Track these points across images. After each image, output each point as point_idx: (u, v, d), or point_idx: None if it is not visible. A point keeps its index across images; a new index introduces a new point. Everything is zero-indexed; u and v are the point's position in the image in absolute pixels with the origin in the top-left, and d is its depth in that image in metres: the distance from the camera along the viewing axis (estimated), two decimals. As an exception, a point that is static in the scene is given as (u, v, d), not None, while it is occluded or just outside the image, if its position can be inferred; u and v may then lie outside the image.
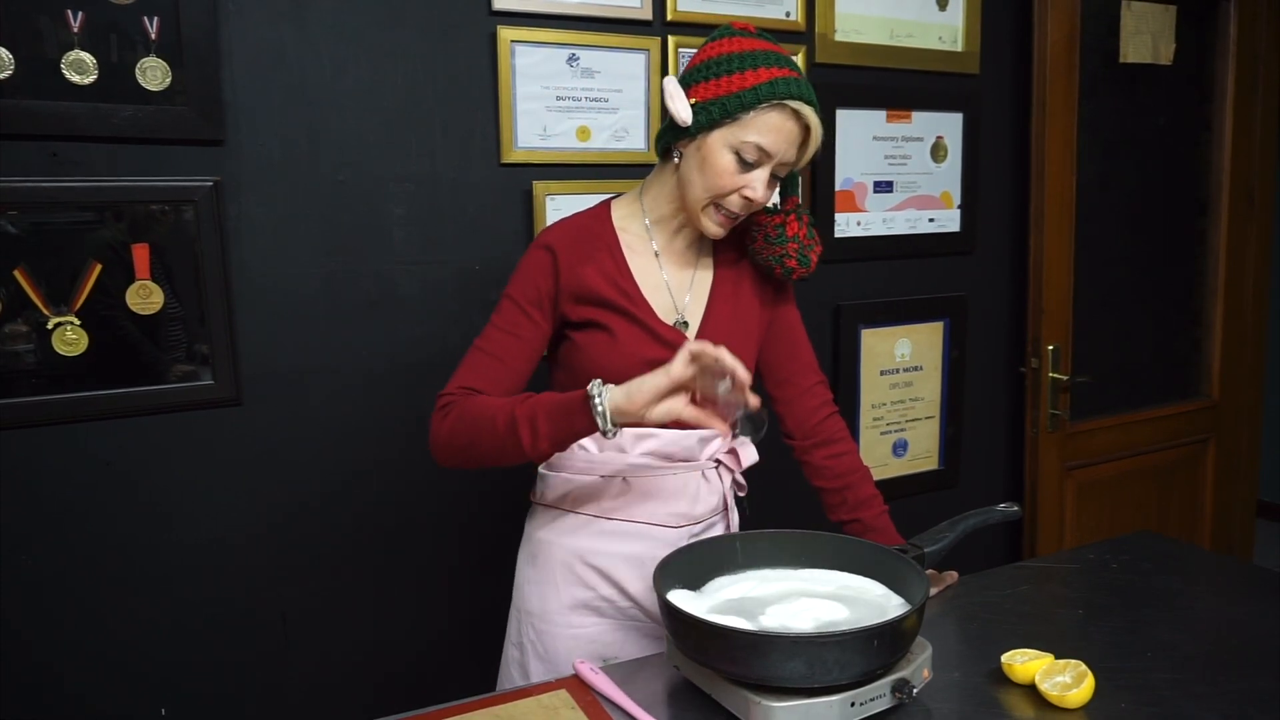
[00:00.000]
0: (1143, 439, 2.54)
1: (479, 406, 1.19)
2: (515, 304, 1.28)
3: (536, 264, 1.29)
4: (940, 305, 2.34)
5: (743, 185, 1.22)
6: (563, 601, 1.33)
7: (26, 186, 1.44)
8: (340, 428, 1.71)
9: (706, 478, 1.35)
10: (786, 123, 1.20)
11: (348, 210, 1.67)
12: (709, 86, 1.22)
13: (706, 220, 1.26)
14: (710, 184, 1.23)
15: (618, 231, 1.33)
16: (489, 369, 1.25)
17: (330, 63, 1.63)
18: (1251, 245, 2.67)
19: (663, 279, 1.33)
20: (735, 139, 1.20)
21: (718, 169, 1.21)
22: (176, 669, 1.62)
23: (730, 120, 1.20)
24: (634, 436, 1.29)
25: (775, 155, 1.21)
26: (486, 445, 1.18)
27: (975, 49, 2.28)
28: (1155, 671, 1.13)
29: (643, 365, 1.23)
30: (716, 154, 1.21)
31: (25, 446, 1.49)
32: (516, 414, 1.15)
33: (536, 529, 1.38)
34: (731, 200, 1.23)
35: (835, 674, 0.96)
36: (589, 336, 1.29)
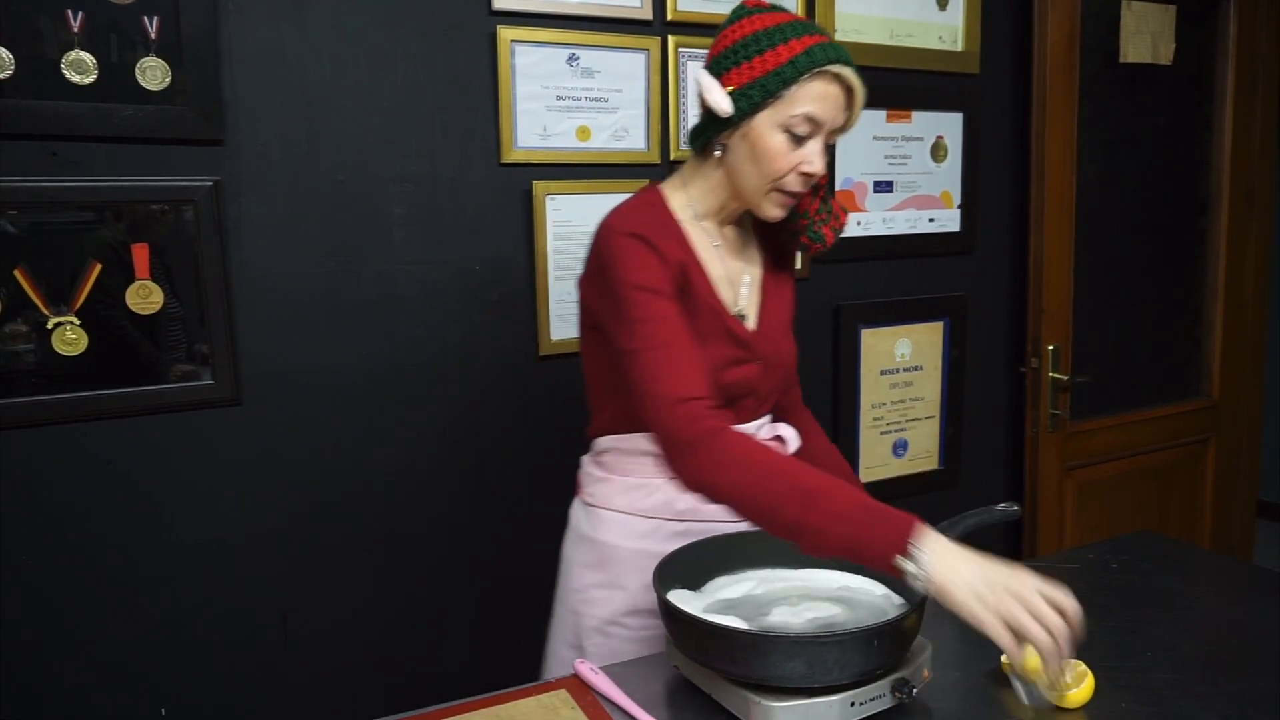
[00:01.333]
0: (1143, 439, 2.54)
1: (759, 460, 1.04)
2: (652, 291, 1.15)
3: (641, 251, 1.17)
4: (940, 305, 2.34)
5: (799, 161, 1.18)
6: (636, 605, 1.29)
7: (26, 186, 1.44)
8: (340, 428, 1.71)
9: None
10: (830, 88, 1.16)
11: (348, 210, 1.67)
12: (743, 71, 1.17)
13: (768, 205, 1.22)
14: (766, 169, 1.19)
15: (681, 222, 1.27)
16: (701, 369, 1.13)
17: (330, 63, 1.63)
18: (1251, 245, 2.67)
19: (724, 271, 1.29)
20: (783, 117, 1.16)
21: (771, 151, 1.17)
22: (176, 669, 1.62)
23: (774, 99, 1.16)
24: None
25: (825, 123, 1.18)
26: (760, 501, 1.03)
27: (975, 49, 2.28)
28: (1155, 671, 1.13)
29: (723, 364, 1.23)
30: (766, 136, 1.17)
31: (25, 446, 1.49)
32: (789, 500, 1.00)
33: (602, 534, 1.31)
34: (790, 180, 1.20)
35: (835, 674, 0.96)
36: None
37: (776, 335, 1.32)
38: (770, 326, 1.32)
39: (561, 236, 1.84)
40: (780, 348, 1.33)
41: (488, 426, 1.83)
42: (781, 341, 1.33)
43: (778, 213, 1.24)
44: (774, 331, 1.32)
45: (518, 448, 1.86)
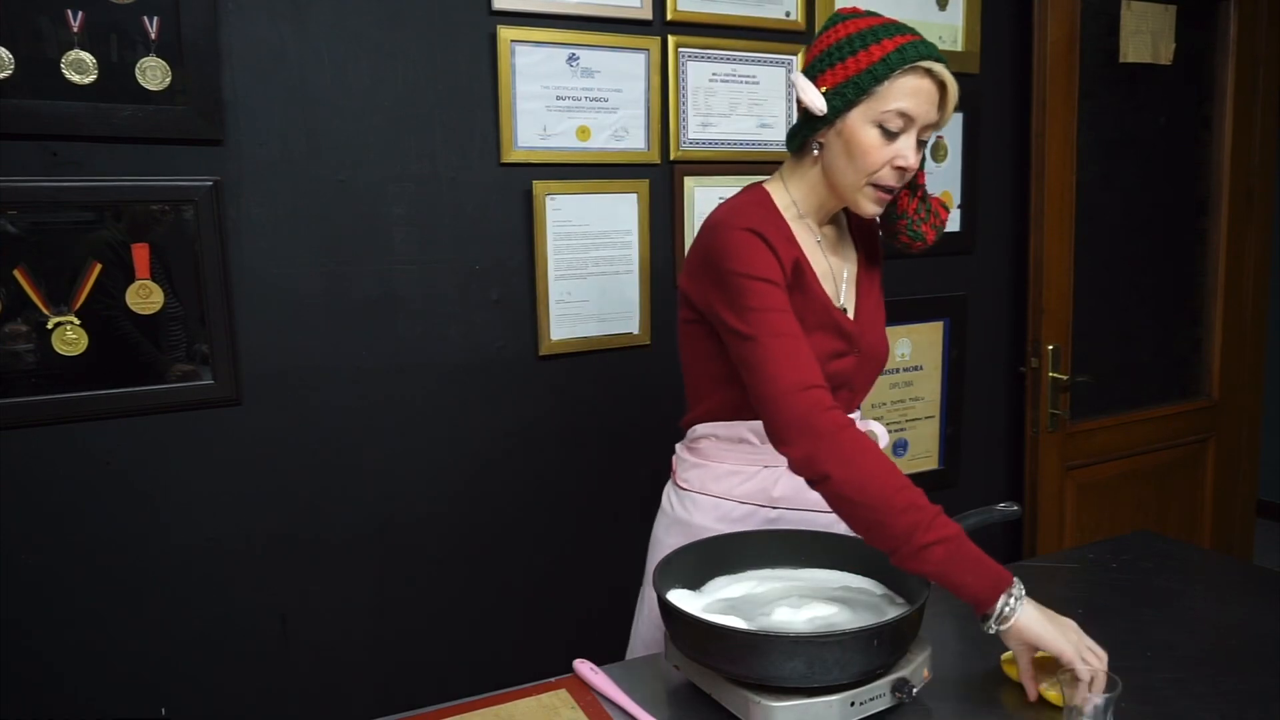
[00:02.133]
0: (1143, 439, 2.54)
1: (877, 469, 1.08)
2: (768, 282, 1.18)
3: (756, 244, 1.20)
4: (940, 305, 2.34)
5: (893, 156, 1.21)
6: None
7: (26, 186, 1.44)
8: (340, 428, 1.71)
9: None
10: (923, 83, 1.19)
11: (348, 210, 1.67)
12: (837, 71, 1.21)
13: (864, 200, 1.25)
14: (861, 164, 1.22)
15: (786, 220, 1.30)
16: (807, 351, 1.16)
17: (330, 63, 1.63)
18: (1251, 245, 2.67)
19: (827, 266, 1.33)
20: (875, 112, 1.19)
21: (864, 146, 1.20)
22: (176, 669, 1.62)
23: (866, 96, 1.19)
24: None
25: (918, 118, 1.20)
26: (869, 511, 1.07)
27: (975, 49, 2.28)
28: (1155, 671, 1.13)
29: (827, 356, 1.25)
30: (860, 132, 1.20)
31: (25, 446, 1.49)
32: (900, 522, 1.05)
33: (696, 516, 1.34)
34: (885, 174, 1.22)
35: (835, 674, 0.96)
36: None
37: (874, 329, 1.37)
38: (867, 320, 1.36)
39: (561, 236, 1.84)
40: (876, 341, 1.37)
41: (487, 426, 1.83)
42: (877, 335, 1.38)
43: (874, 209, 1.26)
44: (872, 326, 1.37)
45: (517, 447, 1.86)
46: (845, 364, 1.31)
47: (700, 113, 1.95)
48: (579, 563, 1.94)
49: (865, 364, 1.35)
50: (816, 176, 1.29)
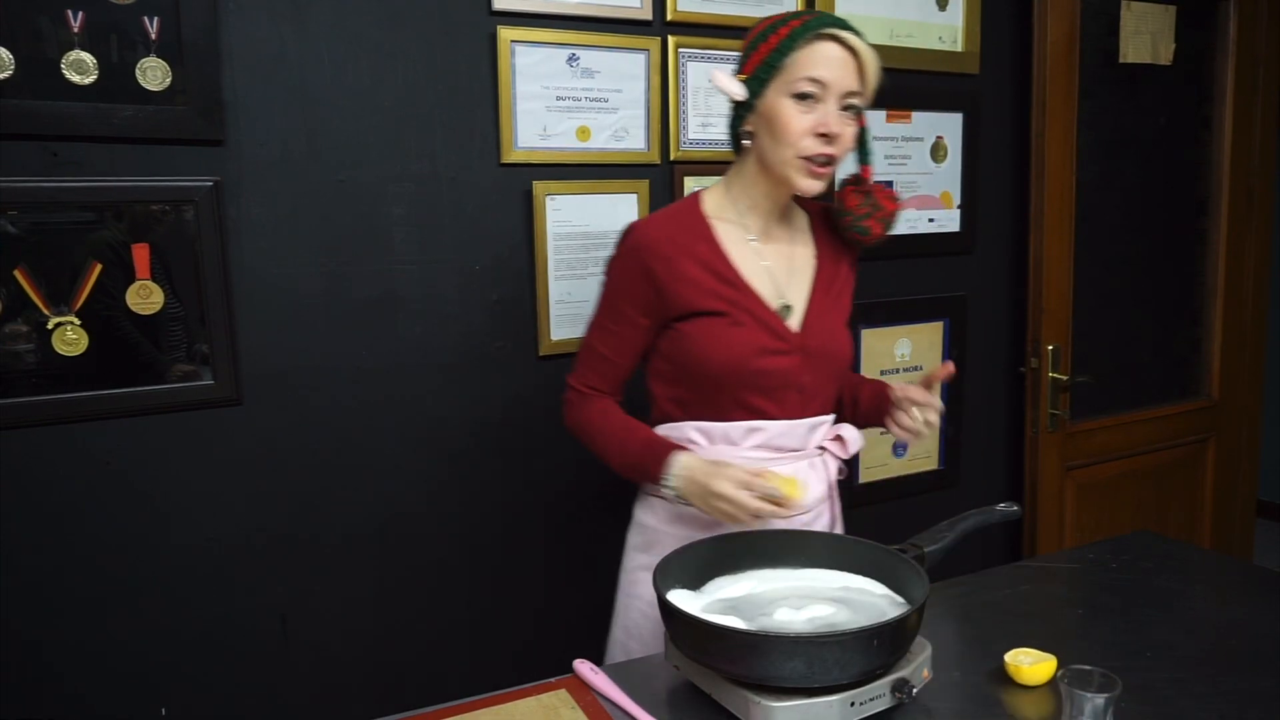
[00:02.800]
0: (1142, 439, 2.54)
1: (593, 421, 1.37)
2: (615, 306, 1.34)
3: (632, 265, 1.31)
4: (940, 305, 2.34)
5: (814, 124, 1.23)
6: None
7: (26, 186, 1.44)
8: (340, 428, 1.71)
9: (813, 466, 1.37)
10: (831, 50, 1.23)
11: (348, 210, 1.67)
12: (753, 58, 1.27)
13: (798, 177, 1.27)
14: (784, 137, 1.24)
15: (711, 221, 1.34)
16: (599, 369, 1.38)
17: (330, 63, 1.63)
18: (1251, 245, 2.67)
19: (762, 265, 1.34)
20: (789, 84, 1.23)
21: (784, 118, 1.23)
22: (176, 669, 1.62)
23: (779, 71, 1.23)
24: (745, 430, 1.32)
25: (832, 83, 1.23)
26: (595, 451, 1.37)
27: (975, 49, 2.28)
28: (1155, 671, 1.13)
29: (755, 353, 1.28)
30: (779, 106, 1.24)
31: (25, 446, 1.49)
32: (614, 447, 1.34)
33: (650, 517, 1.40)
34: (809, 144, 1.24)
35: (835, 674, 0.96)
36: (697, 328, 1.30)
37: (825, 329, 1.36)
38: (819, 320, 1.35)
39: (561, 236, 1.84)
40: (827, 341, 1.36)
41: (487, 426, 1.83)
42: (830, 335, 1.36)
43: (810, 183, 1.27)
44: (822, 325, 1.35)
45: (517, 447, 1.86)
46: (781, 362, 1.31)
47: (700, 113, 1.95)
48: (580, 562, 1.94)
49: (813, 364, 1.34)
50: (754, 169, 1.32)
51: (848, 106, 1.26)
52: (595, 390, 1.38)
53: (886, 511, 2.32)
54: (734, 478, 1.19)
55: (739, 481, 1.19)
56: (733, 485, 1.19)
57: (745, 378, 1.29)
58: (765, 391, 1.31)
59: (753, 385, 1.30)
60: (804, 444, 1.36)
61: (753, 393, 1.30)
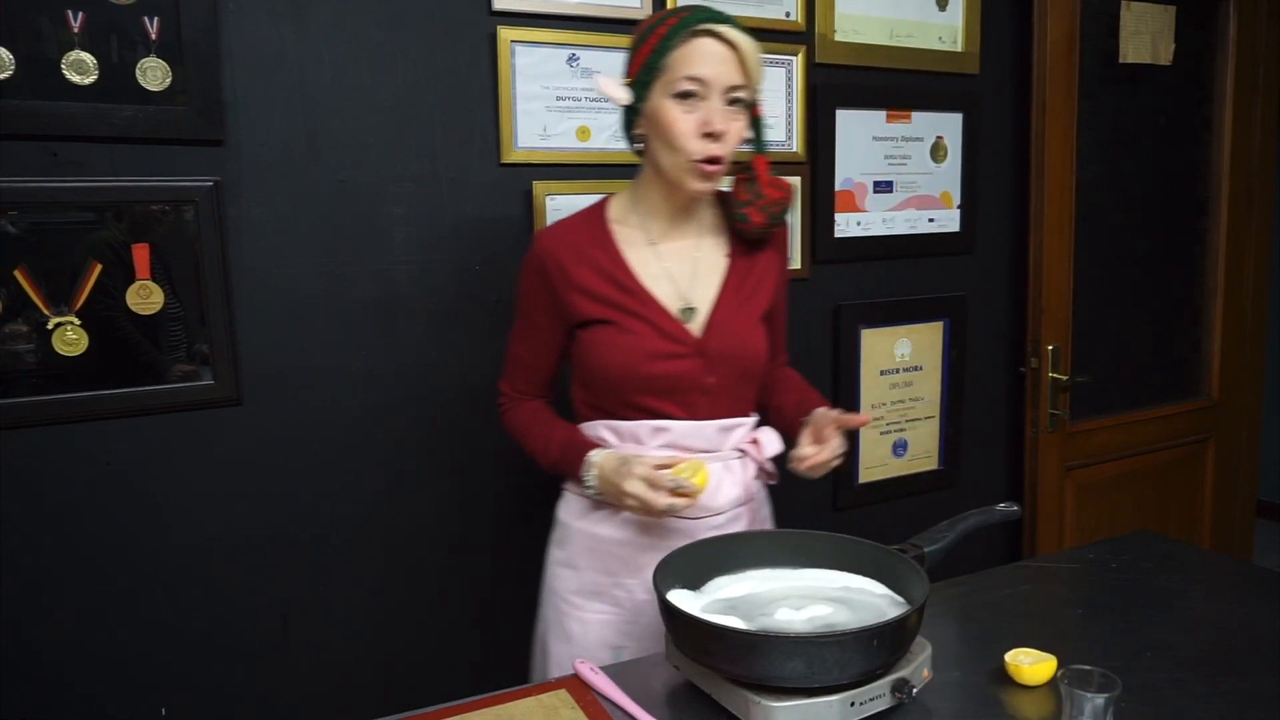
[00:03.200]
0: (1142, 439, 2.54)
1: (522, 423, 1.42)
2: (526, 312, 1.38)
3: (532, 272, 1.36)
4: (940, 305, 2.34)
5: (699, 124, 1.23)
6: (584, 585, 1.36)
7: (26, 186, 1.44)
8: (340, 427, 1.71)
9: (729, 468, 1.35)
10: (709, 45, 1.22)
11: (348, 210, 1.67)
12: (635, 61, 1.27)
13: (689, 178, 1.26)
14: (672, 139, 1.24)
15: (613, 226, 1.34)
16: (522, 373, 1.42)
17: (330, 63, 1.63)
18: (1251, 245, 2.67)
19: (663, 269, 1.33)
20: (670, 85, 1.23)
21: (670, 120, 1.23)
22: (176, 669, 1.62)
23: (660, 73, 1.23)
24: (652, 429, 1.32)
25: (713, 80, 1.22)
26: (528, 452, 1.42)
27: (975, 49, 2.28)
28: (1155, 671, 1.13)
29: (645, 357, 1.27)
30: (664, 108, 1.24)
31: (25, 446, 1.49)
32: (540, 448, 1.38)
33: (567, 515, 1.41)
34: (697, 146, 1.23)
35: (835, 674, 0.96)
36: (592, 335, 1.31)
37: (731, 329, 1.33)
38: (725, 321, 1.33)
39: (561, 236, 1.84)
40: (733, 342, 1.33)
41: (487, 427, 1.83)
42: (736, 336, 1.34)
43: (701, 185, 1.27)
44: (728, 328, 1.33)
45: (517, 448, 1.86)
46: (681, 366, 1.30)
47: (700, 113, 1.95)
48: (579, 563, 1.93)
49: (715, 366, 1.32)
50: (650, 172, 1.32)
51: (733, 101, 1.25)
52: (523, 394, 1.43)
53: (886, 511, 2.32)
54: (641, 475, 1.21)
55: (646, 480, 1.20)
56: (640, 485, 1.21)
57: (638, 382, 1.29)
58: (665, 395, 1.30)
59: (648, 389, 1.30)
60: (716, 445, 1.34)
61: (650, 396, 1.30)
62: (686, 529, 1.32)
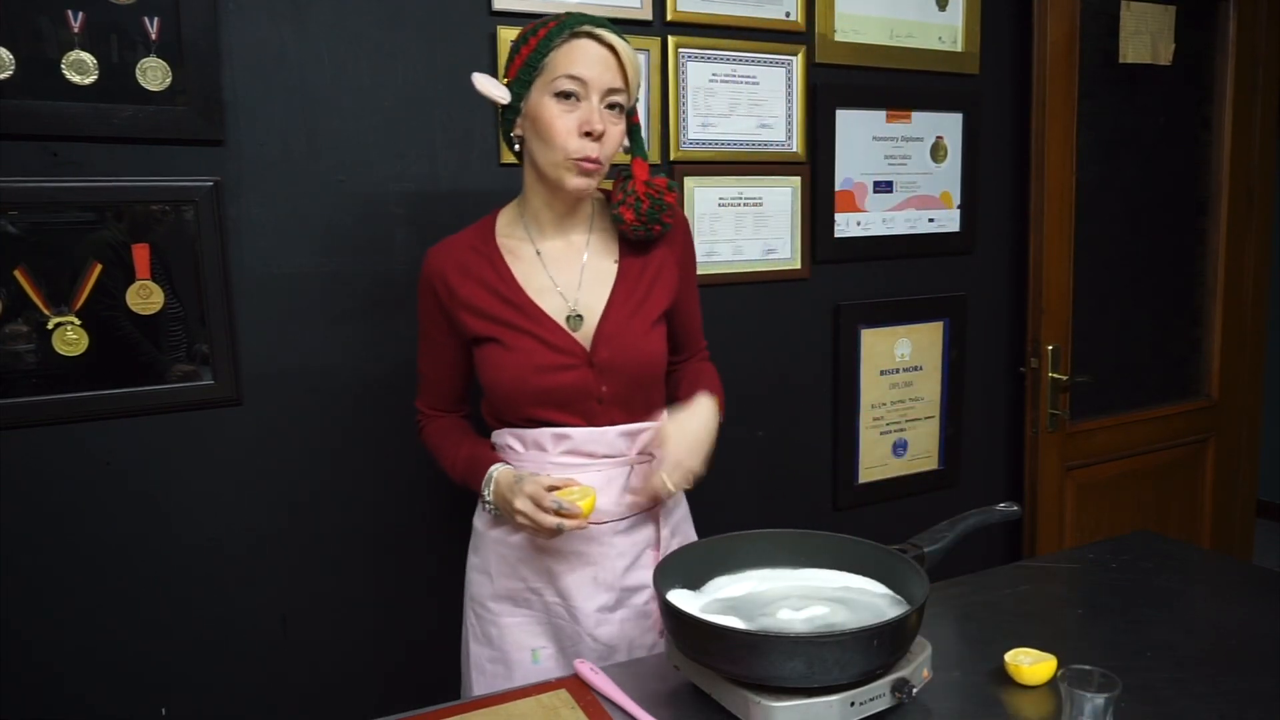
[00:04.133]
0: (1142, 439, 2.54)
1: (433, 442, 1.44)
2: (424, 329, 1.40)
3: (424, 290, 1.37)
4: (940, 305, 2.34)
5: (579, 123, 1.23)
6: (497, 591, 1.38)
7: (26, 186, 1.44)
8: (340, 427, 1.71)
9: (635, 471, 1.35)
10: (589, 47, 1.24)
11: (348, 210, 1.67)
12: (515, 61, 1.28)
13: (568, 176, 1.26)
14: (551, 138, 1.24)
15: (499, 239, 1.35)
16: (431, 390, 1.44)
17: (330, 63, 1.63)
18: (1251, 245, 2.67)
19: (549, 279, 1.33)
20: (550, 84, 1.24)
21: (548, 119, 1.24)
22: (176, 669, 1.62)
23: (540, 72, 1.24)
24: (553, 436, 1.32)
25: (592, 81, 1.23)
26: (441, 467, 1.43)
27: (975, 49, 2.28)
28: (1155, 671, 1.13)
29: (532, 372, 1.28)
30: (542, 107, 1.24)
31: (25, 446, 1.49)
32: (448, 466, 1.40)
33: (479, 522, 1.44)
34: (575, 145, 1.24)
35: (835, 674, 0.96)
36: (482, 352, 1.33)
37: (620, 339, 1.32)
38: (614, 330, 1.32)
39: (561, 236, 1.83)
40: (623, 352, 1.31)
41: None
42: (626, 344, 1.32)
43: (580, 182, 1.27)
44: (618, 335, 1.32)
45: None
46: (568, 377, 1.29)
47: (700, 113, 1.95)
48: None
49: (606, 376, 1.30)
50: (531, 178, 1.33)
51: (612, 105, 1.26)
52: (435, 410, 1.45)
53: (886, 511, 2.32)
54: (529, 494, 1.22)
55: (532, 498, 1.22)
56: (527, 503, 1.22)
57: (530, 396, 1.29)
58: (559, 407, 1.30)
59: (541, 402, 1.30)
60: (621, 450, 1.33)
61: (544, 408, 1.30)
62: (589, 534, 1.31)
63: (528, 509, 1.22)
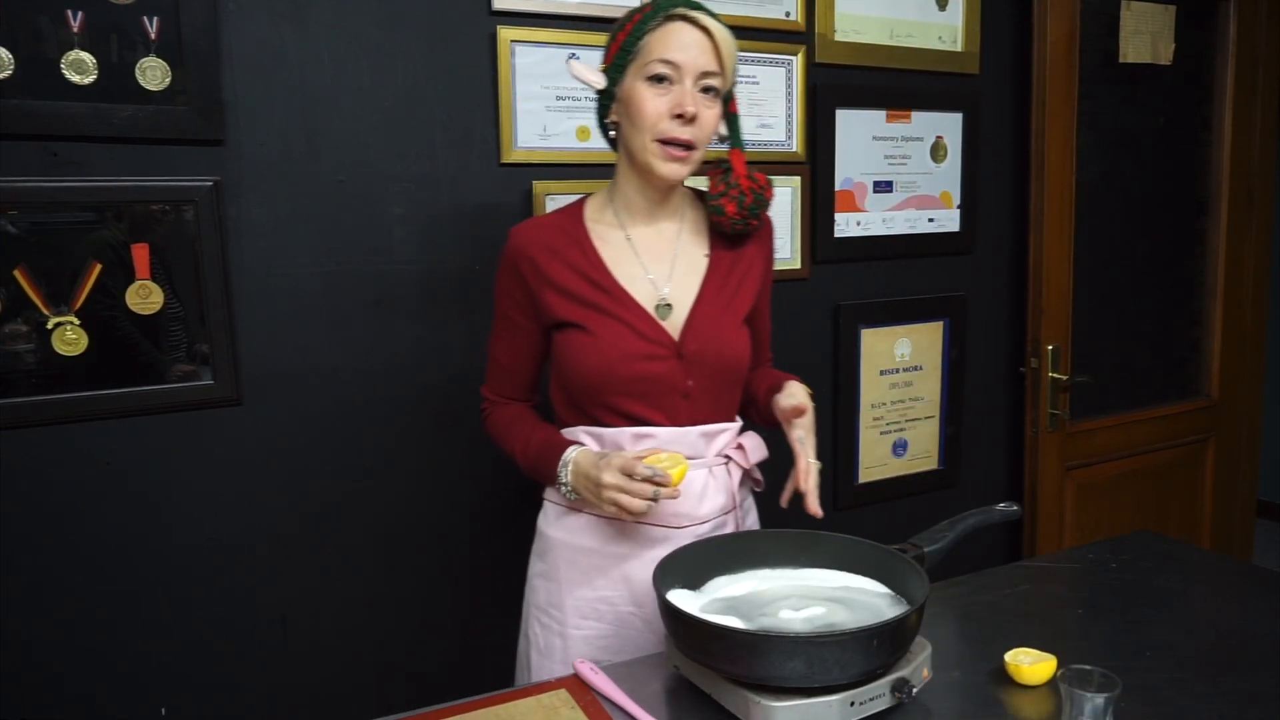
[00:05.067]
0: (1142, 439, 2.54)
1: (501, 427, 1.39)
2: (503, 313, 1.36)
3: (506, 270, 1.33)
4: (940, 305, 2.34)
5: (671, 106, 1.22)
6: (566, 599, 1.33)
7: (26, 186, 1.44)
8: (340, 428, 1.71)
9: (714, 474, 1.33)
10: (684, 31, 1.22)
11: (348, 210, 1.67)
12: (611, 48, 1.28)
13: (656, 161, 1.25)
14: (641, 121, 1.23)
15: (588, 224, 1.33)
16: (502, 374, 1.40)
17: (330, 63, 1.63)
18: (1251, 245, 2.67)
19: (640, 267, 1.31)
20: (644, 68, 1.23)
21: (641, 102, 1.23)
22: (176, 669, 1.62)
23: (635, 56, 1.24)
24: (632, 436, 1.28)
25: (686, 65, 1.22)
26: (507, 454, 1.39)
27: (975, 49, 2.28)
28: (1155, 671, 1.13)
29: (620, 359, 1.25)
30: (636, 92, 1.24)
31: (25, 446, 1.49)
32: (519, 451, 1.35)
33: (546, 525, 1.39)
34: (666, 126, 1.23)
35: (835, 674, 0.96)
36: (565, 337, 1.30)
37: (710, 332, 1.30)
38: (704, 323, 1.30)
39: (561, 236, 1.84)
40: (713, 345, 1.30)
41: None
42: (716, 338, 1.30)
43: (671, 168, 1.25)
44: (707, 328, 1.30)
45: (518, 448, 1.86)
46: (660, 368, 1.27)
47: (700, 113, 1.95)
48: (579, 563, 1.94)
49: (694, 370, 1.29)
50: (625, 165, 1.32)
51: (706, 89, 1.24)
52: (505, 397, 1.41)
53: (886, 511, 2.32)
54: (619, 465, 1.18)
55: (623, 469, 1.17)
56: (617, 475, 1.18)
57: (617, 385, 1.26)
58: (644, 398, 1.27)
59: (627, 392, 1.27)
60: (700, 452, 1.31)
61: (630, 400, 1.27)
62: (669, 538, 1.27)
63: (619, 481, 1.17)
